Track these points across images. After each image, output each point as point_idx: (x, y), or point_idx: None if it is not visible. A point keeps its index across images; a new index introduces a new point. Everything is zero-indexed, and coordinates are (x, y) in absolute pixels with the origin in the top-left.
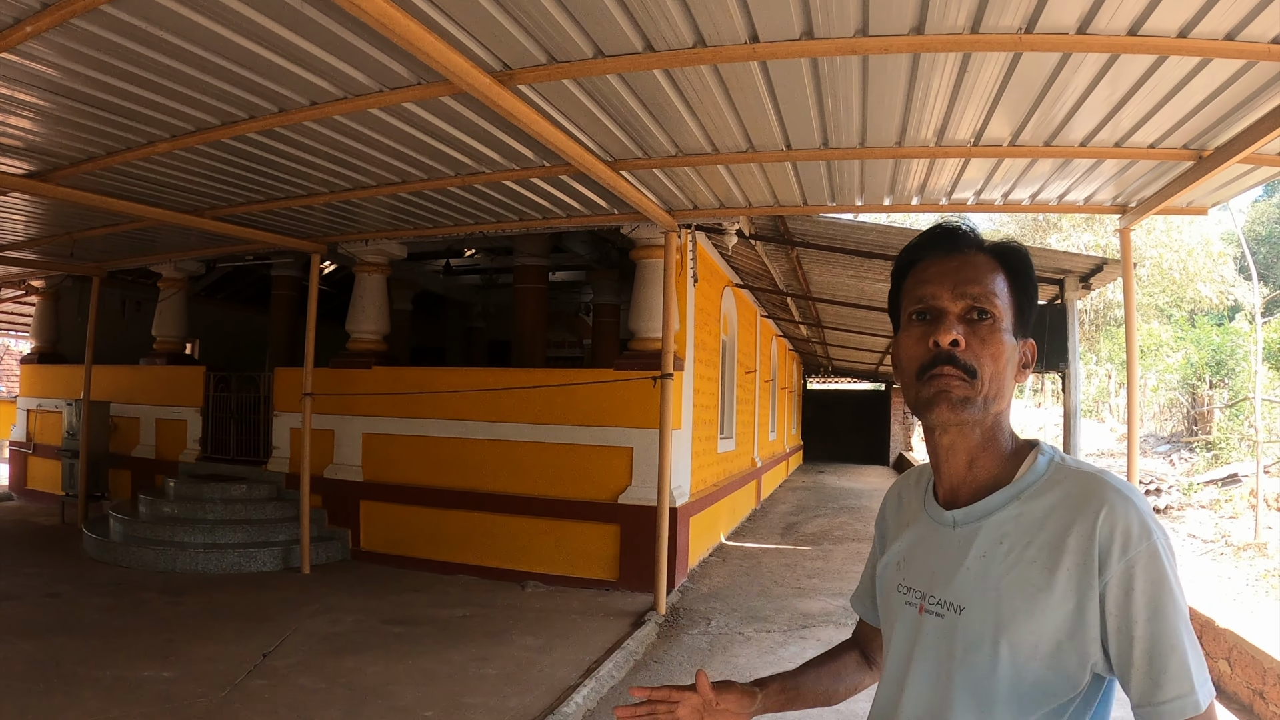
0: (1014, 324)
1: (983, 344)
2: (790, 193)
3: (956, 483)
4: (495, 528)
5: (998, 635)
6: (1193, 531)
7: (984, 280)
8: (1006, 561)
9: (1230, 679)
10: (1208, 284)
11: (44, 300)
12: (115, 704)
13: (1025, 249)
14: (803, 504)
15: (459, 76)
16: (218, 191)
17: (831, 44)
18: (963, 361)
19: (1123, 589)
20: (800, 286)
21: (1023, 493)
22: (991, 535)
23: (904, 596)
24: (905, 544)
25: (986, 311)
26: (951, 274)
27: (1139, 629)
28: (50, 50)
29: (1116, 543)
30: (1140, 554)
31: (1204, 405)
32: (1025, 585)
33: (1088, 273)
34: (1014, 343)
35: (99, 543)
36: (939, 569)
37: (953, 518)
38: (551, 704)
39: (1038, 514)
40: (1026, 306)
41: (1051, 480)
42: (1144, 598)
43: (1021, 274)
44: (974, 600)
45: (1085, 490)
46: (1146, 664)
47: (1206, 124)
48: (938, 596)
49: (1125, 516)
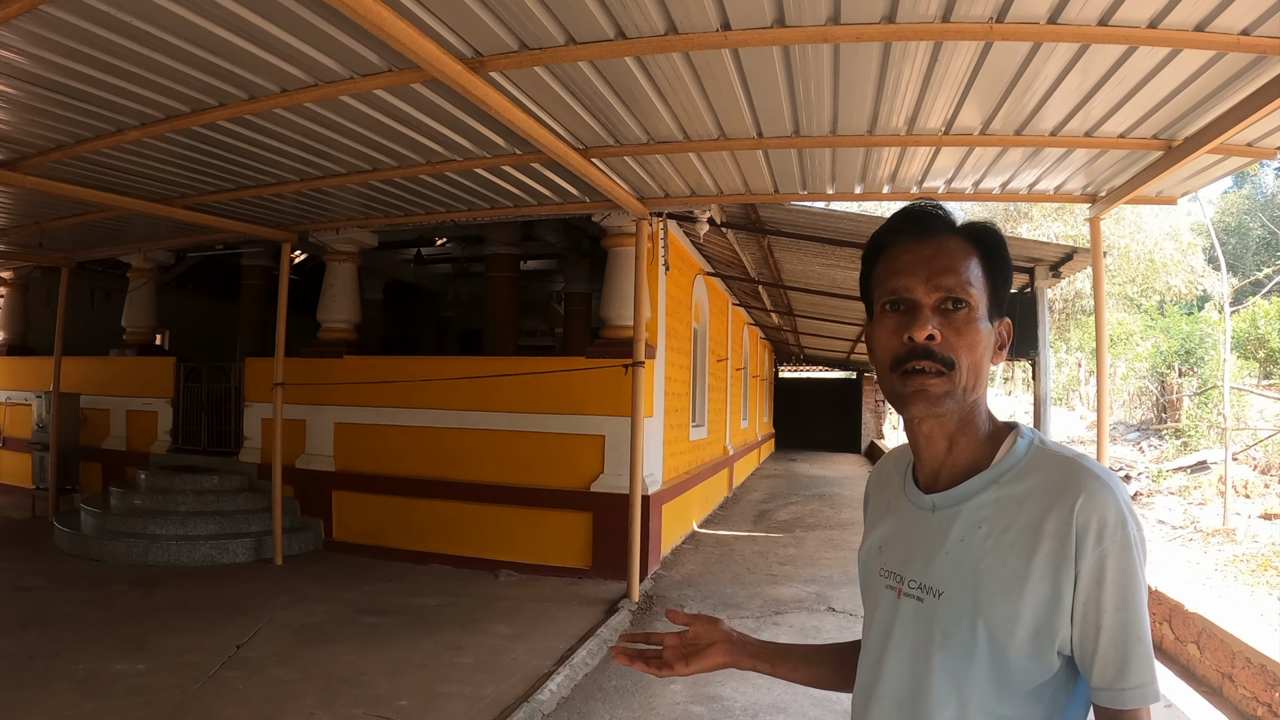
0: (989, 307)
1: (959, 335)
2: (762, 181)
3: (936, 467)
4: (468, 517)
5: (975, 618)
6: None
7: (958, 268)
8: (985, 546)
9: (1200, 662)
10: (1177, 275)
11: (12, 292)
12: (89, 697)
13: (998, 229)
14: (775, 492)
15: (430, 63)
16: (188, 180)
17: (803, 32)
18: (940, 355)
19: (1094, 577)
20: (772, 275)
21: (1001, 477)
22: (970, 519)
23: (885, 580)
24: (886, 528)
25: (962, 301)
26: (925, 263)
27: (1107, 617)
28: (19, 37)
29: (1093, 530)
30: (1114, 544)
31: (1173, 393)
32: (1003, 569)
33: (1057, 261)
34: (990, 327)
35: (70, 536)
36: (918, 553)
37: (932, 502)
38: (526, 692)
39: (1016, 498)
40: (1001, 287)
41: (1031, 464)
42: (1114, 587)
43: (996, 254)
44: (952, 584)
45: (1064, 475)
46: (1112, 651)
47: (1176, 114)
48: (917, 580)
49: (1103, 504)
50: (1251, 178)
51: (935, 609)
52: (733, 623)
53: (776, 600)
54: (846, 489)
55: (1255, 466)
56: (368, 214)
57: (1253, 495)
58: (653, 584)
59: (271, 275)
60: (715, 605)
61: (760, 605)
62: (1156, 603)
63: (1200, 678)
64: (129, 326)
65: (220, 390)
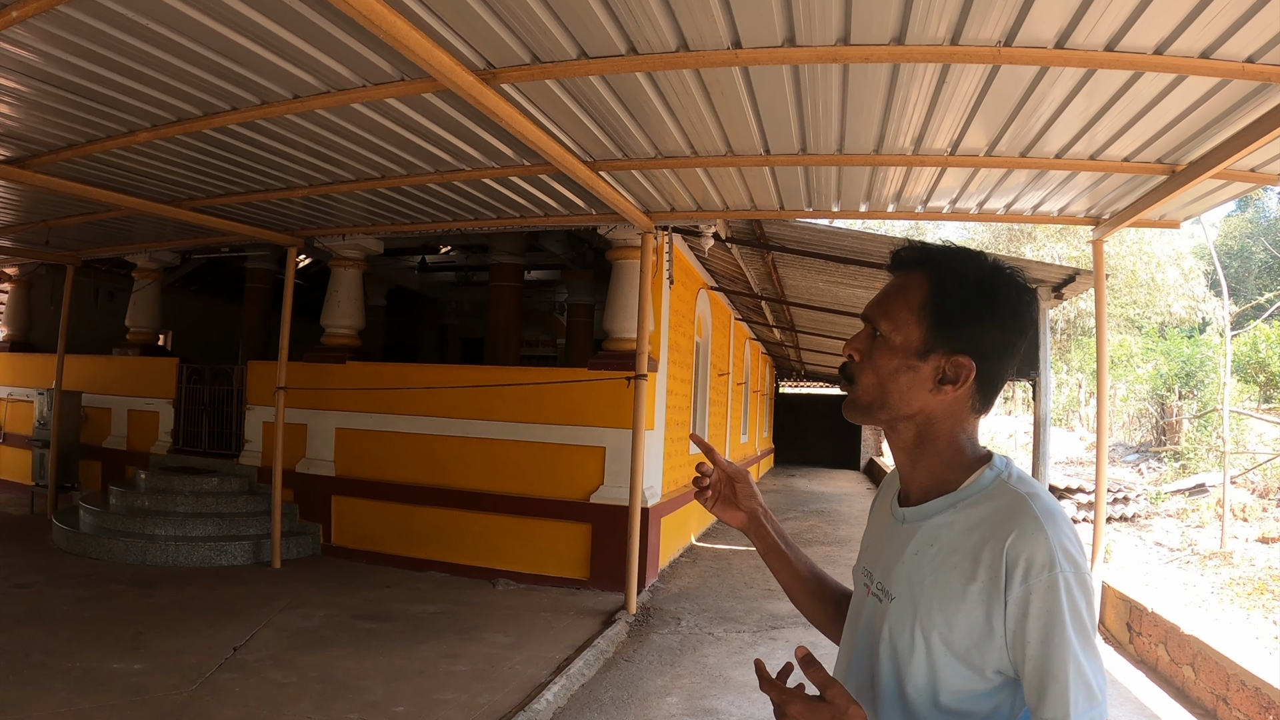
0: (928, 341)
1: (867, 358)
2: (767, 197)
3: (906, 481)
4: (467, 525)
5: (914, 626)
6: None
7: (890, 302)
8: (933, 563)
9: (1195, 684)
10: (1178, 298)
11: (17, 288)
12: (85, 695)
13: (961, 264)
14: (773, 506)
15: (443, 73)
16: (197, 182)
17: (813, 51)
18: (849, 370)
19: (1020, 611)
20: (775, 290)
21: (960, 502)
22: (926, 536)
23: (862, 578)
24: (871, 531)
25: (877, 330)
26: (881, 294)
27: (1030, 649)
28: (34, 36)
29: (1020, 568)
30: (1039, 584)
31: (1173, 416)
32: (942, 588)
33: (1060, 283)
34: (914, 360)
35: (69, 534)
36: (885, 557)
37: (903, 514)
38: (522, 701)
39: (967, 525)
40: (957, 321)
41: (988, 495)
42: (1036, 624)
43: (943, 295)
44: (902, 590)
45: (1007, 510)
46: (1035, 679)
47: (1181, 139)
48: (882, 583)
49: (1033, 545)
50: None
51: (888, 610)
52: (729, 637)
53: (773, 615)
54: (845, 505)
55: (1254, 490)
56: (374, 221)
57: (1250, 519)
58: (650, 596)
59: (276, 279)
60: (712, 618)
61: (757, 620)
62: (1153, 625)
63: (1195, 700)
64: (132, 326)
65: (222, 392)
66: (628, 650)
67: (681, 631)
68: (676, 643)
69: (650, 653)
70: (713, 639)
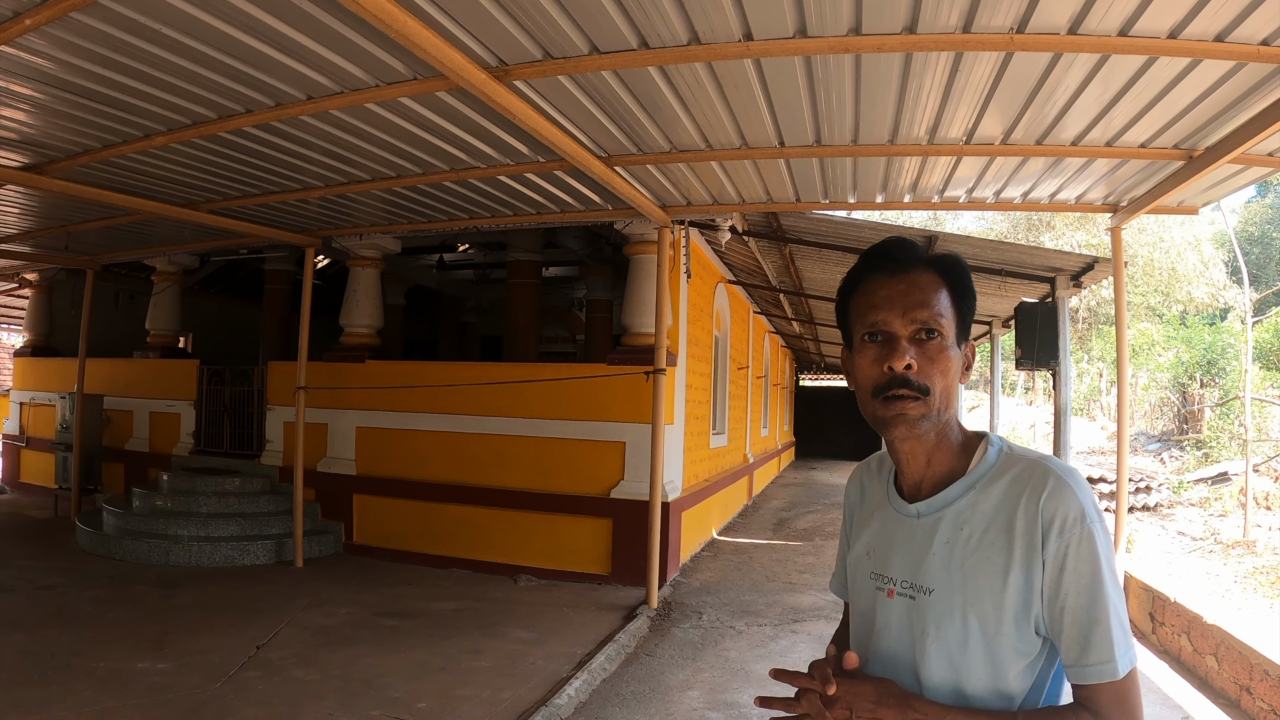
0: (957, 334)
1: (931, 363)
2: (783, 189)
3: (918, 479)
4: (488, 522)
5: (966, 611)
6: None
7: (930, 301)
8: (968, 546)
9: (1218, 675)
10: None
11: (37, 293)
12: (109, 695)
13: (963, 261)
14: (795, 500)
15: (455, 72)
16: (213, 185)
17: (825, 42)
18: (917, 383)
19: (1057, 565)
20: (793, 283)
21: (977, 482)
22: (952, 523)
23: (875, 583)
24: (872, 534)
25: (934, 331)
26: (900, 298)
27: (1070, 601)
28: (48, 43)
29: (1055, 524)
30: (1074, 536)
31: (1194, 404)
32: (987, 566)
33: (1079, 271)
34: (959, 353)
35: (92, 535)
36: (906, 556)
37: (917, 509)
38: (544, 696)
39: (992, 501)
40: (967, 314)
41: (1001, 468)
42: (1074, 574)
43: (962, 286)
44: (941, 582)
45: (1031, 474)
46: (1075, 630)
47: (1197, 124)
48: (908, 580)
49: (1065, 501)
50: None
51: (927, 605)
52: (751, 631)
53: (795, 608)
54: None
55: (1277, 478)
56: (391, 220)
57: (1274, 507)
58: (671, 590)
59: (295, 280)
60: (734, 612)
61: (779, 613)
62: (1175, 615)
63: (1218, 690)
64: (153, 329)
65: (243, 393)
66: (649, 645)
67: (703, 626)
68: (698, 637)
69: (672, 647)
70: (734, 633)
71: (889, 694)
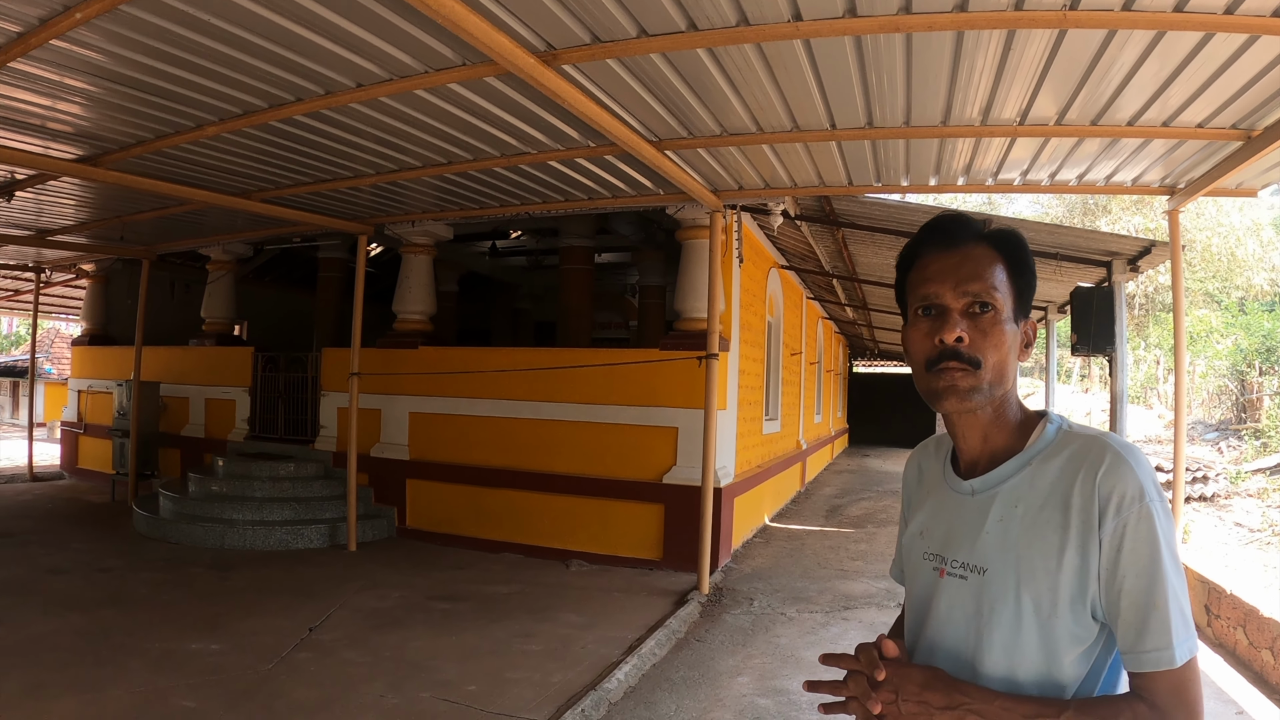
0: (1014, 310)
1: (984, 336)
2: (835, 173)
3: (975, 456)
4: (540, 506)
5: (1020, 591)
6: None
7: (984, 275)
8: (1023, 524)
9: (1275, 669)
10: (1258, 273)
11: (94, 284)
12: (163, 675)
13: (1021, 235)
14: (847, 487)
15: (504, 57)
16: (265, 174)
17: (875, 21)
18: (967, 355)
19: (1114, 545)
20: (846, 268)
21: (1033, 459)
22: (1008, 500)
23: (930, 563)
24: (927, 513)
25: (988, 305)
26: (953, 270)
27: (1127, 583)
28: (99, 36)
29: (1113, 501)
30: (1132, 515)
31: (1253, 392)
32: (1042, 544)
33: (1135, 255)
34: (1015, 328)
35: (149, 519)
36: (960, 534)
37: (971, 487)
38: (594, 680)
39: (1049, 477)
40: (1026, 291)
41: (1059, 445)
42: (1132, 555)
43: (1020, 260)
44: (995, 561)
45: (1089, 450)
46: (1132, 614)
47: (1255, 103)
48: (960, 560)
49: (1123, 477)
50: None
51: (981, 585)
52: (801, 617)
53: (846, 595)
54: None
55: None
56: (443, 207)
57: None
58: (723, 576)
59: (348, 267)
60: (785, 599)
61: (830, 600)
62: (1231, 607)
63: (1275, 686)
64: (208, 317)
65: (297, 380)
66: (699, 630)
67: (754, 612)
68: (748, 623)
69: (722, 633)
70: (785, 619)
71: (935, 678)
